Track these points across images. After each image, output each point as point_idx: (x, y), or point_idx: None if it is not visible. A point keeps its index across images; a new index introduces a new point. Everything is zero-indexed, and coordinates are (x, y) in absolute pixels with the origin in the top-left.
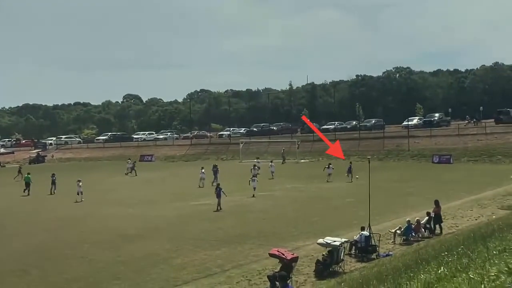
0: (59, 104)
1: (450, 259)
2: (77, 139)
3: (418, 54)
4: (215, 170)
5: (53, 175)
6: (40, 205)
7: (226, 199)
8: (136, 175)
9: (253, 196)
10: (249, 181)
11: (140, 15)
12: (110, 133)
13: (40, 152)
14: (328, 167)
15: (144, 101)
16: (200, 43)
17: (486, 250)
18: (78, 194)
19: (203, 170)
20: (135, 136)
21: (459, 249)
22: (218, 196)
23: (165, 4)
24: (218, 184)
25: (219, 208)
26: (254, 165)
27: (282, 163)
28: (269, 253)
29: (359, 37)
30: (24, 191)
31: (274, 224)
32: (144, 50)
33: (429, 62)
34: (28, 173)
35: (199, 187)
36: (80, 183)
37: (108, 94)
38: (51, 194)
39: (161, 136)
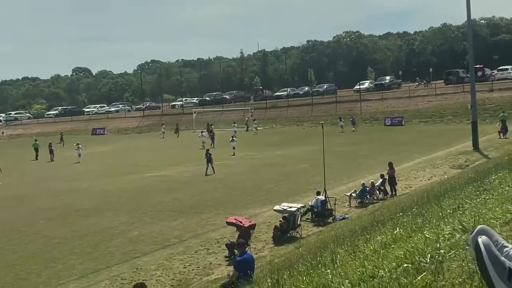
0: (7, 79)
1: (405, 220)
2: (27, 114)
3: (367, 17)
4: (212, 135)
5: (50, 144)
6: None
7: (181, 170)
8: (178, 136)
9: (233, 154)
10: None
11: None
12: (60, 108)
13: None
14: (340, 121)
15: (94, 74)
16: (149, 14)
17: (440, 209)
18: (79, 156)
19: (204, 133)
20: (86, 110)
21: (414, 209)
22: (209, 161)
23: None
24: (208, 150)
25: (212, 172)
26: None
27: (246, 130)
28: (226, 222)
29: (309, 2)
30: (36, 157)
31: (230, 193)
32: (91, 22)
33: (378, 25)
34: (36, 140)
35: (201, 148)
36: (80, 146)
37: (57, 68)
38: (50, 160)
39: (113, 109)
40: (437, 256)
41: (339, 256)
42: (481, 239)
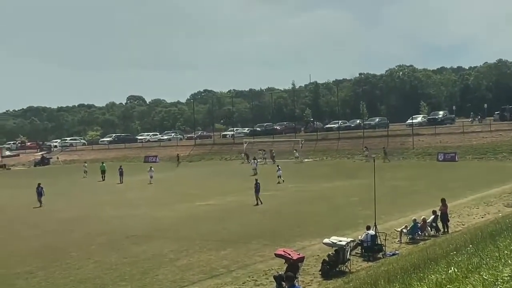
0: (64, 106)
1: (459, 259)
2: (82, 141)
3: (421, 51)
4: (257, 163)
5: (120, 167)
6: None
7: (230, 199)
8: (274, 162)
9: (281, 182)
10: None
11: (143, 16)
12: (114, 135)
13: (44, 155)
14: (366, 150)
15: (148, 102)
16: (202, 43)
17: (497, 249)
18: (150, 177)
19: (255, 161)
20: (139, 137)
21: (468, 248)
22: (257, 191)
23: (168, 4)
24: (256, 179)
25: (259, 203)
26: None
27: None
28: (275, 253)
29: (362, 35)
30: (103, 178)
31: (279, 224)
32: (147, 50)
33: (432, 59)
34: (103, 162)
35: (252, 175)
36: (152, 168)
37: (112, 96)
38: (120, 183)
39: (165, 137)
40: None
41: None
42: None
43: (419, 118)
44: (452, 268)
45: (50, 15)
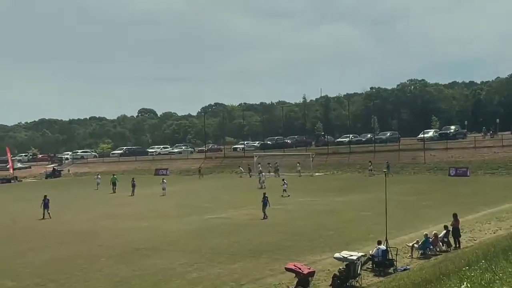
0: (75, 118)
1: (472, 274)
2: (93, 153)
3: (432, 66)
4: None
5: (133, 179)
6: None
7: (241, 212)
8: (278, 176)
9: (285, 196)
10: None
11: (155, 30)
12: (125, 147)
13: (56, 167)
14: (371, 164)
15: (159, 115)
16: (213, 57)
17: (510, 265)
18: (163, 189)
19: (263, 173)
20: (150, 150)
21: (481, 264)
22: (264, 205)
23: (180, 19)
24: (265, 193)
25: (265, 217)
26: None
27: (249, 176)
28: (285, 267)
29: (373, 49)
30: (114, 190)
31: (289, 238)
32: (158, 64)
33: (443, 74)
34: (114, 174)
35: (259, 188)
36: (165, 181)
37: (123, 108)
38: (132, 195)
39: (176, 150)
40: None
41: None
42: None
43: (430, 133)
44: (465, 283)
45: (63, 29)
